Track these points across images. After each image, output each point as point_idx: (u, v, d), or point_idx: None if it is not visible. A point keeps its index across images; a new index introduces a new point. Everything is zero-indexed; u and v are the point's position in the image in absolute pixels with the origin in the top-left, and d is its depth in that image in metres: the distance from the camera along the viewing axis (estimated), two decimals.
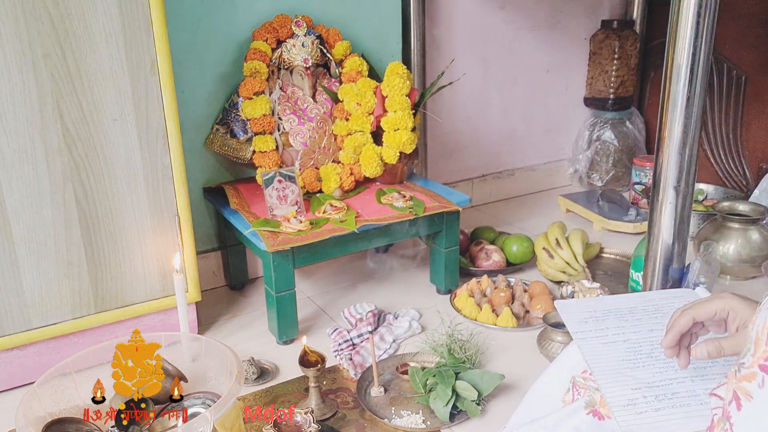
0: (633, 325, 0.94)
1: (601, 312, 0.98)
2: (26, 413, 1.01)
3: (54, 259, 1.30)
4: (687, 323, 0.78)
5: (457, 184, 2.31)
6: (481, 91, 2.28)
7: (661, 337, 0.90)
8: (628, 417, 0.79)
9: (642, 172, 2.22)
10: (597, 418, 0.83)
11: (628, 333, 0.93)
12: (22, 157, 1.23)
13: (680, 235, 1.27)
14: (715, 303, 0.77)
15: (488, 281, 1.69)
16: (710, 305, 0.77)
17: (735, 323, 0.76)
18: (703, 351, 0.76)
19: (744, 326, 0.75)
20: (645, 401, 0.82)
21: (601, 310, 0.98)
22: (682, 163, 1.22)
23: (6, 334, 1.30)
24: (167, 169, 1.38)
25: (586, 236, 1.85)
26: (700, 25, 1.13)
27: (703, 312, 0.77)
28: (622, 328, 0.94)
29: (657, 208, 1.27)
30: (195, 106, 1.66)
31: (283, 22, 1.65)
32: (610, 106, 2.42)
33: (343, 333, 1.48)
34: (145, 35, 1.28)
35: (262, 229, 1.43)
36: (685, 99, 1.18)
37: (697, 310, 0.78)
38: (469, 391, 1.23)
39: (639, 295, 1.03)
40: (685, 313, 0.78)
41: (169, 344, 1.20)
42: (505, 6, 2.23)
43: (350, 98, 1.64)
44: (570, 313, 0.98)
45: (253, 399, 1.31)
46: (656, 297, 1.01)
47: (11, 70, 1.18)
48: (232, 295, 1.77)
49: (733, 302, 0.76)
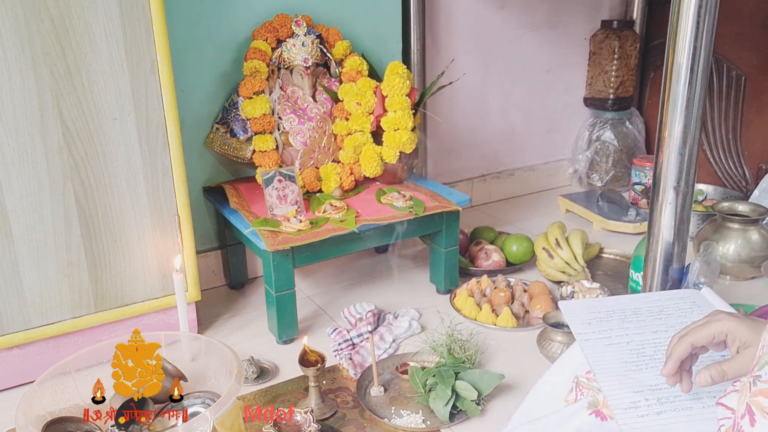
0: (637, 326, 0.94)
1: (605, 313, 0.97)
2: (26, 412, 1.01)
3: (54, 258, 1.30)
4: (686, 350, 0.76)
5: (457, 183, 2.31)
6: (481, 91, 2.28)
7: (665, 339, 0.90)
8: (629, 420, 0.79)
9: (642, 172, 2.22)
10: (600, 419, 0.83)
11: (632, 335, 0.92)
12: (21, 155, 1.23)
13: (680, 235, 1.27)
14: (713, 327, 0.75)
15: (488, 281, 1.69)
16: (708, 330, 0.75)
17: (735, 344, 0.74)
18: (706, 378, 0.74)
19: (745, 347, 0.73)
20: (647, 404, 0.82)
21: (605, 311, 0.98)
22: (682, 163, 1.22)
23: (6, 333, 1.30)
24: (167, 168, 1.38)
25: (586, 236, 1.85)
26: (700, 25, 1.13)
27: (701, 337, 0.76)
28: (626, 329, 0.94)
29: (657, 208, 1.27)
30: (195, 106, 1.66)
31: (283, 22, 1.65)
32: (609, 106, 2.42)
33: (343, 333, 1.48)
34: (145, 34, 1.28)
35: (262, 228, 1.43)
36: (685, 99, 1.18)
37: (695, 335, 0.76)
38: (469, 390, 1.23)
39: (644, 295, 1.03)
40: (682, 340, 0.77)
41: (169, 344, 1.20)
42: (505, 6, 2.23)
43: (350, 98, 1.64)
44: (574, 314, 0.98)
45: (252, 398, 1.31)
46: (661, 298, 1.01)
47: (11, 69, 1.18)
48: (232, 295, 1.77)
49: (731, 324, 0.74)
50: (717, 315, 0.76)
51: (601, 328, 0.94)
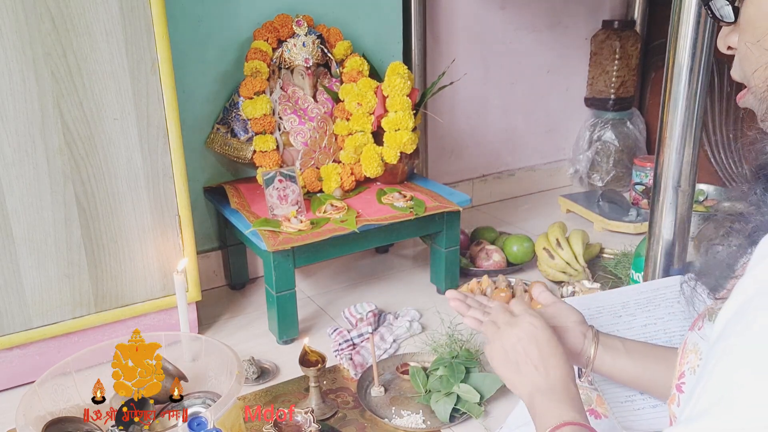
0: (626, 321, 0.94)
1: (594, 309, 0.98)
2: (26, 412, 1.01)
3: (54, 258, 1.30)
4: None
5: (458, 184, 2.31)
6: (481, 91, 2.28)
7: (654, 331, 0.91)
8: (625, 413, 0.80)
9: (642, 172, 2.22)
10: (593, 417, 0.83)
11: (623, 330, 0.93)
12: (22, 156, 1.23)
13: (681, 235, 1.27)
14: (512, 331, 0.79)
15: (489, 281, 1.69)
16: (511, 330, 0.79)
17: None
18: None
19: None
20: (642, 398, 0.82)
21: (595, 307, 0.98)
22: (683, 163, 1.22)
23: (6, 333, 1.30)
24: (168, 169, 1.38)
25: (587, 236, 1.85)
26: (701, 26, 1.13)
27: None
28: (616, 324, 0.94)
29: (657, 208, 1.27)
30: (195, 106, 1.66)
31: (283, 22, 1.65)
32: (610, 107, 2.42)
33: (344, 333, 1.48)
34: (145, 34, 1.28)
35: (263, 228, 1.43)
36: (686, 99, 1.18)
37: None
38: (471, 393, 1.23)
39: (631, 288, 1.03)
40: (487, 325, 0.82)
41: (169, 344, 1.20)
42: (506, 6, 2.23)
43: (351, 98, 1.64)
44: None
45: (253, 399, 1.31)
46: (647, 289, 1.01)
47: (12, 69, 1.18)
48: (233, 295, 1.77)
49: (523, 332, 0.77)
50: (526, 317, 0.78)
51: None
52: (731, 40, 0.63)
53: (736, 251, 0.61)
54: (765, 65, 0.58)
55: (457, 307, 0.87)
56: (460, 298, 0.87)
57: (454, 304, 0.87)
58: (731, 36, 0.63)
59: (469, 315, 0.85)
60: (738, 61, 0.63)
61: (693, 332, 0.66)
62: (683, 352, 0.65)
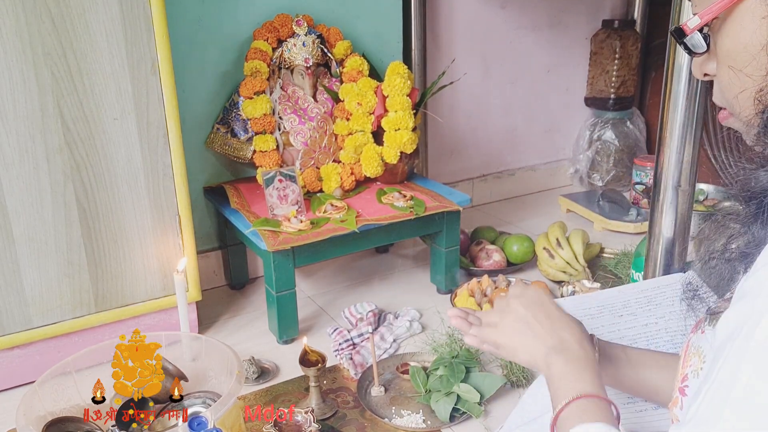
0: (627, 321, 0.94)
1: (595, 309, 0.98)
2: (27, 412, 1.01)
3: (54, 258, 1.30)
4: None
5: (458, 183, 2.31)
6: (481, 90, 2.27)
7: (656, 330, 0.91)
8: (628, 414, 0.79)
9: (643, 172, 2.22)
10: None
11: (623, 330, 0.93)
12: (22, 156, 1.23)
13: (681, 235, 1.27)
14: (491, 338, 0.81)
15: (489, 281, 1.69)
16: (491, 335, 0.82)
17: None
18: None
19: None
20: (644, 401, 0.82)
21: (596, 306, 0.98)
22: (683, 163, 1.22)
23: (6, 333, 1.30)
24: (168, 169, 1.37)
25: (587, 236, 1.85)
26: None
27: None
28: (617, 324, 0.94)
29: (658, 208, 1.27)
30: (195, 106, 1.66)
31: (283, 22, 1.65)
32: (610, 106, 2.42)
33: (344, 333, 1.48)
34: (145, 34, 1.28)
35: (263, 228, 1.43)
36: (686, 99, 1.18)
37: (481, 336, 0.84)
38: (471, 393, 1.23)
39: (631, 286, 1.03)
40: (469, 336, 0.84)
41: (170, 344, 1.20)
42: (506, 6, 2.23)
43: (351, 98, 1.64)
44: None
45: (253, 398, 1.31)
46: (648, 287, 1.01)
47: (12, 69, 1.18)
48: (233, 295, 1.77)
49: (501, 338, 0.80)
50: (529, 290, 0.81)
51: (592, 325, 0.94)
52: (708, 68, 0.62)
53: (735, 265, 0.61)
54: (749, 90, 0.57)
55: (459, 325, 0.85)
56: (462, 316, 0.85)
57: (456, 322, 0.85)
58: (707, 64, 0.62)
59: (471, 333, 0.83)
60: (718, 88, 0.62)
61: (695, 335, 0.66)
62: (685, 355, 0.65)
